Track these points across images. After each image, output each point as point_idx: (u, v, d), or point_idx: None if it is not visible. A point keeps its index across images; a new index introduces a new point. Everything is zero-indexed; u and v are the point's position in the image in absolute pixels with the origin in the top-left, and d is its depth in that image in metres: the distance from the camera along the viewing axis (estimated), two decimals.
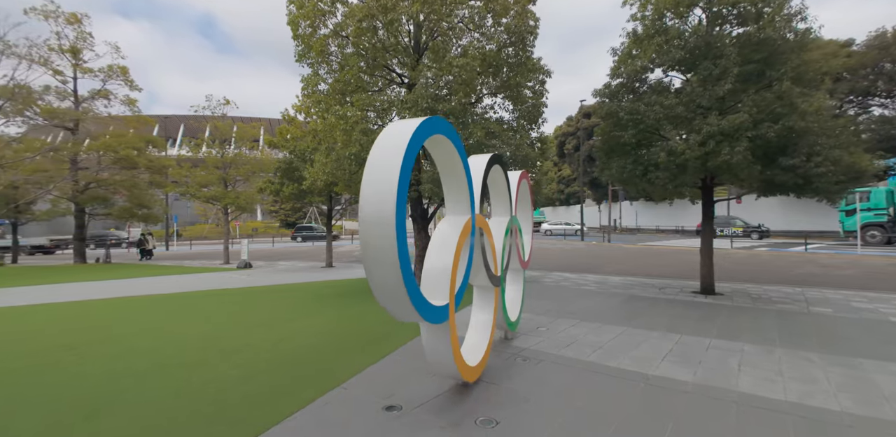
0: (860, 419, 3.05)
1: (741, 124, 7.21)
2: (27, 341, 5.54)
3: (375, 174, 2.35)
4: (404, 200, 2.37)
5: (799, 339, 5.23)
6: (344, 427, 2.95)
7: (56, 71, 19.87)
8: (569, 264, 15.46)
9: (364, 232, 2.34)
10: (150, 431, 2.97)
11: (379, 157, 2.40)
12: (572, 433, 2.88)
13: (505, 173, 4.84)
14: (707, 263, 9.14)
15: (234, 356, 4.70)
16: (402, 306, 2.49)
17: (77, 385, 3.90)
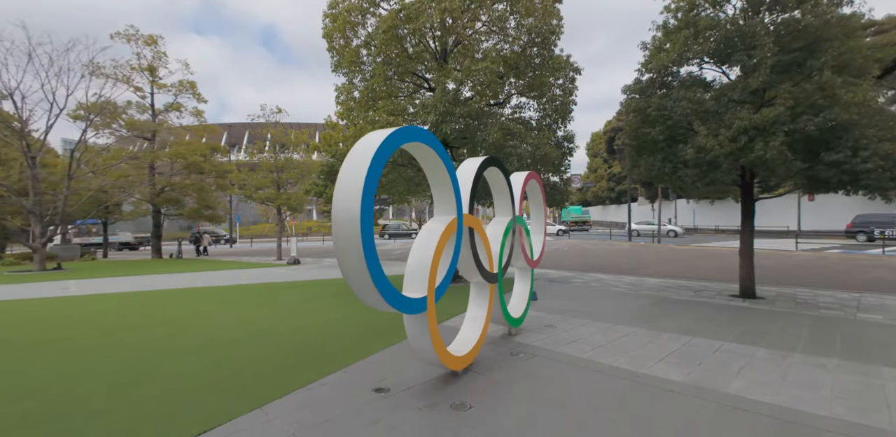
0: (844, 424, 2.95)
1: (776, 118, 6.83)
2: (102, 322, 6.54)
3: (345, 181, 2.69)
4: (370, 203, 2.69)
5: (825, 345, 4.94)
6: (332, 404, 3.34)
7: (137, 88, 22.42)
8: (607, 264, 15.10)
9: (336, 231, 2.69)
10: (171, 394, 3.55)
11: (349, 165, 2.74)
12: (534, 420, 3.06)
13: (505, 176, 5.03)
14: (746, 265, 8.68)
15: (260, 339, 5.30)
16: (372, 296, 2.82)
17: (133, 358, 4.63)
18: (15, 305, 8.34)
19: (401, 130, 3.02)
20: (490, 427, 2.97)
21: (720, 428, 2.94)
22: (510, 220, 5.18)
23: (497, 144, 8.02)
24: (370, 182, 2.67)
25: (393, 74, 9.18)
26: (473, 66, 7.93)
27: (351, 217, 2.61)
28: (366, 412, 3.20)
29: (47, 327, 6.32)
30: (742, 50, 7.50)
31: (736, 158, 7.33)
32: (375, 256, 2.75)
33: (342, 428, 2.94)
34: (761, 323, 6.19)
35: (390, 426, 2.96)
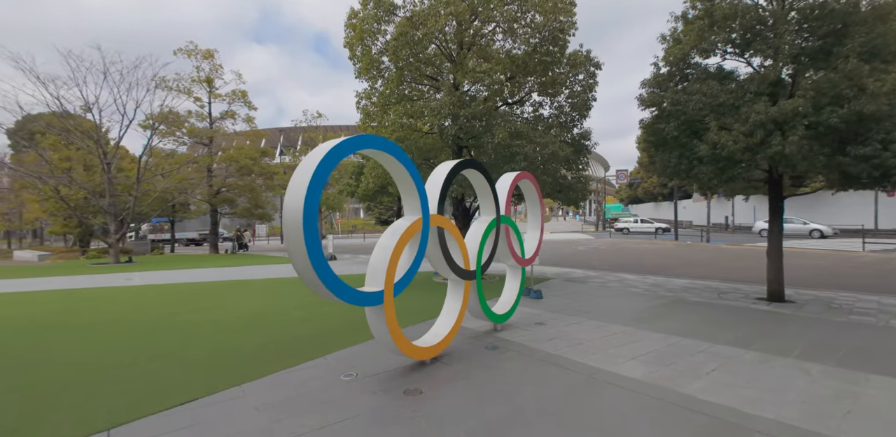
0: (781, 426, 2.90)
1: (796, 110, 6.43)
2: (144, 309, 7.49)
3: (293, 185, 3.06)
4: (314, 205, 3.03)
5: (826, 351, 4.68)
6: (300, 386, 3.75)
7: (196, 98, 24.56)
8: (639, 264, 14.61)
9: (285, 231, 3.07)
10: (172, 369, 4.14)
11: (299, 171, 3.10)
12: (474, 406, 3.28)
13: (486, 177, 5.21)
14: (774, 266, 8.20)
15: (267, 327, 5.89)
16: (320, 288, 3.17)
17: (157, 339, 5.36)
18: (83, 292, 9.66)
19: (349, 140, 3.34)
20: (429, 410, 3.23)
21: (645, 422, 3.00)
22: (492, 219, 5.36)
23: (504, 144, 8.13)
24: (314, 187, 3.02)
25: (408, 77, 9.55)
26: (478, 68, 8.09)
27: (296, 218, 2.97)
28: (324, 393, 3.57)
29: (101, 311, 7.35)
30: (761, 39, 7.11)
31: (754, 154, 6.97)
32: (320, 251, 3.10)
33: (298, 405, 3.33)
34: (770, 327, 5.90)
35: (341, 406, 3.31)
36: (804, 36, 6.96)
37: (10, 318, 6.95)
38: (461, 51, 8.83)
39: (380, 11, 9.17)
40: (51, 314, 7.15)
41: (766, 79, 6.94)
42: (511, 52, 8.82)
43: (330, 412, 3.20)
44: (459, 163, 4.76)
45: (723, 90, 7.21)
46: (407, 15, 8.81)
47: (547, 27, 8.89)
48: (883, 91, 5.95)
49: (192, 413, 3.21)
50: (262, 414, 3.17)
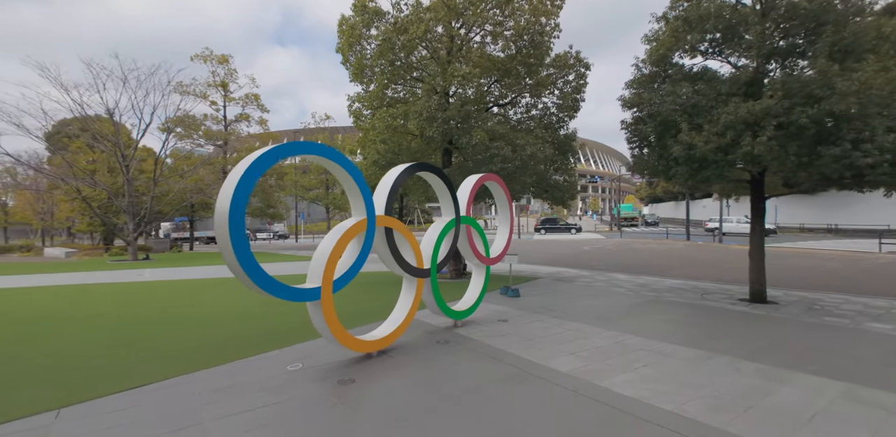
0: (672, 417, 3.03)
1: (766, 110, 6.41)
2: (140, 303, 8.00)
3: (223, 191, 3.34)
4: (240, 207, 3.32)
5: (776, 352, 4.70)
6: (247, 374, 4.06)
7: (212, 102, 25.53)
8: (637, 265, 14.51)
9: (216, 231, 3.37)
10: (139, 357, 4.51)
11: (231, 176, 3.39)
12: (397, 392, 3.51)
13: (444, 180, 5.42)
14: (756, 267, 8.14)
15: (244, 321, 6.26)
16: (249, 284, 3.46)
17: (138, 331, 5.79)
18: (92, 287, 10.33)
19: (280, 147, 3.63)
20: (352, 397, 3.48)
21: (550, 411, 3.16)
22: (451, 220, 5.57)
23: (482, 146, 8.31)
24: (240, 191, 3.32)
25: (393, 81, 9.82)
26: (457, 72, 8.28)
27: (223, 219, 3.27)
28: (266, 381, 3.87)
29: (101, 305, 7.89)
30: (737, 39, 7.09)
31: (726, 155, 6.97)
32: (247, 250, 3.39)
33: (236, 391, 3.64)
34: (733, 327, 5.92)
35: (274, 392, 3.59)
36: (779, 36, 6.91)
37: (16, 309, 7.55)
38: (446, 55, 9.03)
39: (367, 18, 9.47)
40: (54, 307, 7.74)
41: (737, 80, 6.92)
42: (491, 55, 8.96)
43: (262, 397, 3.50)
44: (411, 166, 5.00)
45: (695, 91, 7.22)
46: (391, 21, 9.07)
47: (527, 31, 9.01)
48: (852, 90, 5.88)
49: (137, 397, 3.55)
50: (198, 398, 3.49)
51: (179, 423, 3.07)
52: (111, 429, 3.00)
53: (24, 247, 30.42)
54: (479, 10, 8.94)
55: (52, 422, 3.11)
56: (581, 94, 10.91)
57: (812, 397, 3.45)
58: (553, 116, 10.39)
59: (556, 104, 10.45)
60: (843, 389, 3.61)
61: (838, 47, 6.30)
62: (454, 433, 2.90)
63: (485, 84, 9.47)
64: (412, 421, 3.08)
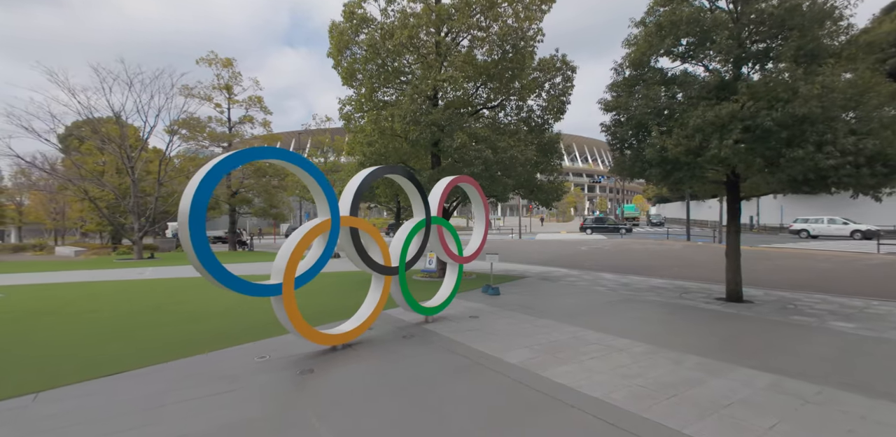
0: (594, 402, 3.25)
1: (732, 114, 6.57)
2: (135, 300, 8.38)
3: (185, 194, 3.62)
4: (201, 209, 3.60)
5: (728, 348, 4.87)
6: (217, 365, 4.36)
7: (217, 104, 26.07)
8: (627, 265, 14.63)
9: (179, 231, 3.67)
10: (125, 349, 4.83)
11: (191, 183, 3.67)
12: (350, 382, 3.77)
13: (414, 182, 5.68)
14: (732, 266, 8.29)
15: (227, 318, 6.57)
16: (211, 280, 3.76)
17: (133, 325, 6.13)
18: (94, 285, 10.77)
19: (241, 153, 3.92)
20: (307, 385, 3.76)
21: (485, 397, 3.40)
22: (421, 220, 5.83)
23: (463, 149, 8.55)
24: (200, 194, 3.60)
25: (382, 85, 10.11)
26: (439, 76, 8.53)
27: (184, 220, 3.56)
28: (231, 370, 4.16)
29: (98, 302, 8.28)
30: (710, 44, 7.25)
31: (696, 157, 7.14)
32: (207, 248, 3.68)
33: (200, 379, 3.93)
34: (696, 324, 6.10)
35: (236, 381, 3.88)
36: (750, 41, 7.05)
37: (20, 305, 7.97)
38: (434, 59, 9.29)
39: (355, 24, 9.76)
40: (54, 303, 8.14)
41: (707, 84, 7.08)
42: (475, 60, 9.19)
43: (223, 384, 3.78)
44: (378, 169, 5.27)
45: (666, 95, 7.40)
46: (378, 27, 9.35)
47: (509, 36, 9.22)
48: (814, 94, 6.02)
49: (112, 383, 3.87)
50: (163, 384, 3.79)
51: (145, 405, 3.37)
52: (79, 410, 3.30)
53: (37, 246, 31.30)
54: (464, 16, 9.19)
55: (30, 404, 3.42)
56: (567, 96, 11.12)
57: (738, 387, 3.65)
58: (538, 119, 10.59)
59: (542, 107, 10.65)
60: (771, 381, 3.80)
61: (804, 51, 6.44)
62: (387, 416, 3.16)
63: (470, 88, 9.71)
64: (350, 405, 3.34)
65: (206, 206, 3.67)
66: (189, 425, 3.05)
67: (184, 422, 3.09)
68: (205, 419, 3.14)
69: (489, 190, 9.26)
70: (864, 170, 6.13)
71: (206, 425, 3.04)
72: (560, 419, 3.09)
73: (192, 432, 2.95)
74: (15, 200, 41.16)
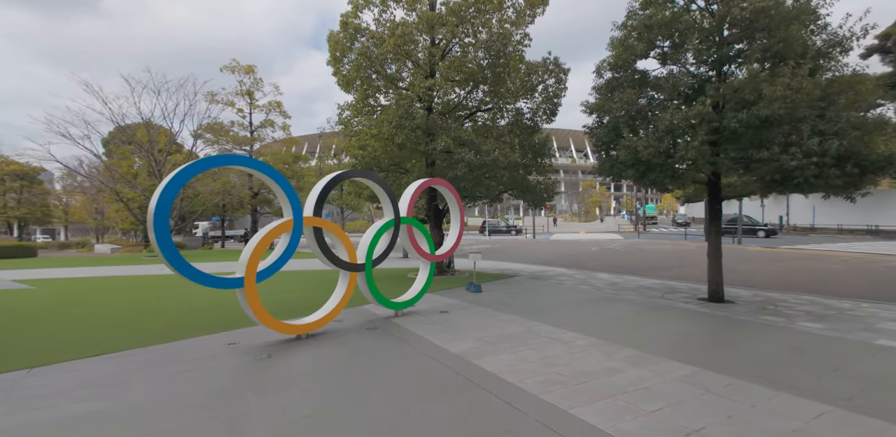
0: (508, 387, 3.55)
1: (698, 115, 6.68)
2: (145, 293, 9.16)
3: (154, 197, 4.14)
4: (164, 211, 4.11)
5: (671, 343, 5.03)
6: (191, 350, 4.89)
7: (239, 109, 27.36)
8: (628, 265, 14.59)
9: (149, 230, 4.20)
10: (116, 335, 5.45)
11: (159, 187, 4.18)
12: (300, 366, 4.21)
13: (381, 185, 6.10)
14: (713, 266, 8.29)
15: (216, 309, 7.17)
16: (175, 272, 4.27)
17: (134, 315, 6.82)
18: (116, 280, 11.73)
19: (207, 160, 4.42)
20: (260, 367, 4.22)
21: (412, 377, 3.75)
22: (389, 220, 6.23)
23: (447, 151, 8.89)
24: (164, 198, 4.10)
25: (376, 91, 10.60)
26: (422, 83, 8.91)
27: (150, 220, 4.09)
28: (198, 354, 4.68)
29: (111, 293, 9.11)
30: (682, 47, 7.35)
31: (667, 158, 7.25)
32: (171, 245, 4.19)
33: (169, 361, 4.46)
34: (657, 322, 6.23)
35: (200, 363, 4.39)
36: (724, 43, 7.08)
37: (43, 297, 8.88)
38: (426, 65, 9.69)
39: (349, 34, 10.28)
40: (74, 296, 9.02)
41: (677, 87, 7.17)
42: (464, 67, 9.51)
43: (187, 365, 4.30)
44: (341, 173, 5.71)
45: (641, 98, 7.53)
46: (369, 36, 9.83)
47: (497, 42, 9.50)
48: (778, 95, 6.06)
49: (94, 362, 4.45)
50: (139, 364, 4.35)
51: (114, 380, 3.91)
52: (60, 382, 3.88)
53: (79, 243, 33.68)
54: (452, 24, 9.54)
55: (24, 376, 4.03)
56: (559, 98, 11.29)
57: (651, 377, 3.86)
58: (527, 121, 10.81)
59: (531, 109, 10.86)
60: (688, 373, 3.98)
61: (770, 53, 6.46)
62: (313, 392, 3.57)
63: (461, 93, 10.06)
64: (287, 384, 3.78)
65: (169, 209, 4.18)
66: (140, 395, 3.57)
67: (138, 393, 3.61)
68: (155, 391, 3.65)
69: (473, 191, 9.56)
70: (833, 171, 6.11)
71: (151, 396, 3.55)
72: (464, 397, 3.42)
73: (143, 400, 3.45)
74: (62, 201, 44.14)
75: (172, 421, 3.08)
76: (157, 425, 3.03)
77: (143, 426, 3.00)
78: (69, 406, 3.34)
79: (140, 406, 3.34)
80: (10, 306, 7.90)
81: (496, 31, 9.53)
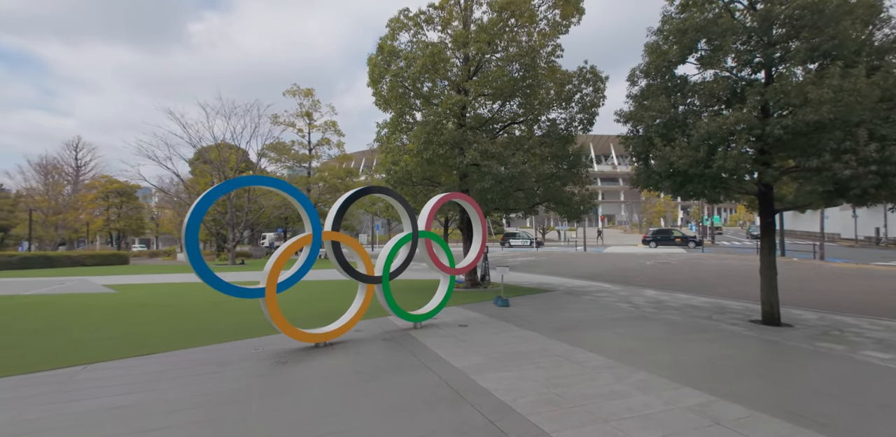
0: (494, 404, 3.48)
1: (739, 121, 6.26)
2: (197, 298, 10.06)
3: (187, 215, 4.65)
4: (195, 226, 4.57)
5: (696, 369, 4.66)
6: (218, 353, 5.33)
7: (299, 129, 29.46)
8: (682, 282, 13.63)
9: (182, 244, 4.69)
10: (164, 335, 6.06)
11: (192, 207, 4.68)
12: (312, 372, 4.45)
13: (399, 200, 6.34)
14: (766, 286, 7.57)
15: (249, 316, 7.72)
16: (204, 281, 4.72)
17: (194, 316, 7.55)
18: (181, 285, 13.00)
19: (234, 181, 4.89)
20: (274, 370, 4.52)
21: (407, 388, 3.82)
22: (407, 234, 6.42)
23: (475, 164, 9.00)
24: (194, 216, 4.58)
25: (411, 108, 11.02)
26: (451, 100, 9.13)
27: (182, 234, 4.58)
28: (225, 358, 5.09)
29: (171, 297, 10.12)
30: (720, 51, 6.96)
31: (706, 167, 6.82)
32: (200, 258, 4.65)
33: (198, 363, 4.90)
34: (688, 344, 5.80)
35: (225, 366, 4.78)
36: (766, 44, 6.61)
37: (121, 300, 10.07)
38: (461, 81, 9.96)
39: (385, 57, 10.84)
40: (146, 299, 10.13)
41: (712, 92, 6.77)
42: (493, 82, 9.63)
43: (213, 368, 4.70)
44: (360, 190, 6.01)
45: (671, 105, 7.17)
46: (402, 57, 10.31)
47: (526, 56, 9.55)
48: (826, 98, 5.52)
49: (137, 361, 5.01)
50: (171, 364, 4.83)
51: (149, 378, 4.39)
52: (109, 378, 4.42)
53: (166, 252, 37.62)
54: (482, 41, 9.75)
55: (80, 371, 4.65)
56: (597, 107, 11.02)
57: (657, 404, 3.61)
58: (562, 131, 10.64)
59: (565, 120, 10.69)
60: (702, 401, 3.68)
61: (819, 52, 5.91)
62: (311, 397, 3.76)
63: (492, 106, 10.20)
64: (293, 388, 4.02)
65: (198, 226, 4.66)
66: (167, 392, 3.97)
67: (165, 391, 4.02)
68: (178, 390, 4.04)
69: (502, 203, 9.53)
70: (873, 180, 5.42)
71: (175, 394, 3.93)
72: (448, 413, 3.43)
73: (168, 397, 3.85)
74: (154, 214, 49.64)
75: (179, 418, 3.41)
76: (165, 421, 3.37)
77: (154, 421, 3.35)
78: (103, 400, 3.81)
79: (161, 403, 3.73)
80: (95, 306, 9.08)
81: (526, 45, 9.58)
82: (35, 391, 4.04)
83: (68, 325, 7.16)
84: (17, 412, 3.53)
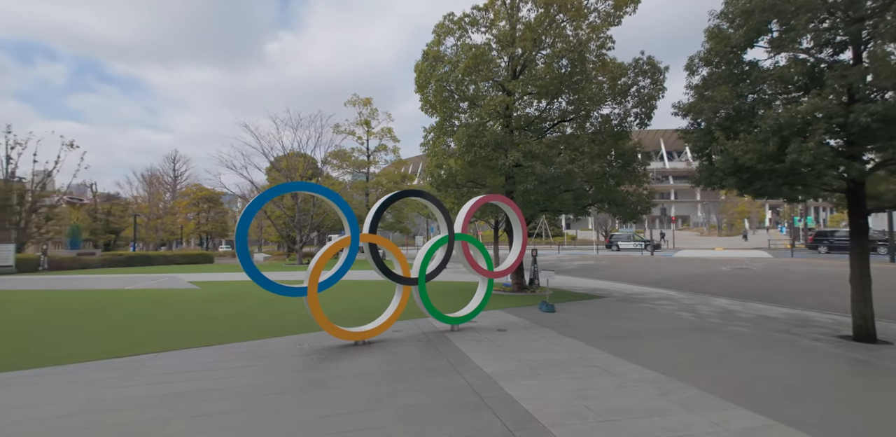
0: (517, 412, 3.34)
1: (815, 109, 5.57)
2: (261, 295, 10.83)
3: (239, 218, 5.03)
4: (245, 230, 4.92)
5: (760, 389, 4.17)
6: (265, 347, 5.68)
7: (358, 137, 30.82)
8: (762, 290, 12.31)
9: (235, 245, 5.07)
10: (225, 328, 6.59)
11: (243, 211, 5.05)
12: (346, 369, 4.60)
13: (435, 203, 6.37)
14: (858, 297, 6.62)
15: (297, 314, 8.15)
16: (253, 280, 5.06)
17: (251, 311, 8.19)
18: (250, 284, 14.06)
19: (278, 187, 5.22)
20: (315, 366, 4.74)
21: (433, 391, 3.82)
22: (443, 236, 6.44)
23: (517, 165, 8.80)
24: (244, 219, 4.92)
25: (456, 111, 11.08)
26: (494, 100, 9.01)
27: (235, 236, 4.96)
28: (271, 352, 5.42)
29: (242, 294, 10.99)
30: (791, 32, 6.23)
31: (776, 163, 6.12)
32: (249, 259, 4.99)
33: (247, 355, 5.26)
34: (754, 361, 5.20)
35: (269, 359, 5.10)
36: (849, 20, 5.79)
37: (201, 295, 11.14)
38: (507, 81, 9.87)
39: (430, 63, 11.00)
40: (220, 295, 11.13)
41: (783, 77, 6.04)
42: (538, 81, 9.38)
43: (260, 361, 5.04)
44: (397, 193, 6.13)
45: (735, 95, 6.50)
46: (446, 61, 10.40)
47: (573, 51, 9.21)
48: None
49: (197, 351, 5.50)
50: (225, 356, 5.24)
51: (206, 367, 4.80)
52: (170, 366, 4.90)
53: None
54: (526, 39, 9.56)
55: (151, 358, 5.20)
56: (656, 100, 10.33)
57: (702, 424, 3.27)
58: (616, 127, 10.10)
59: (618, 115, 10.13)
60: (755, 425, 3.27)
61: None
62: (338, 394, 3.88)
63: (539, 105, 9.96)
64: (325, 383, 4.19)
65: (247, 228, 5.02)
66: (218, 382, 4.31)
67: (214, 380, 4.37)
68: (226, 380, 4.37)
69: (546, 205, 9.20)
70: None
71: (223, 383, 4.26)
72: (467, 419, 3.36)
73: (215, 387, 4.18)
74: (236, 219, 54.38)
75: (220, 406, 3.69)
76: (208, 407, 3.66)
77: (200, 407, 3.66)
78: (163, 386, 4.22)
79: (208, 391, 4.06)
80: (178, 301, 10.15)
81: (574, 39, 9.21)
82: (110, 375, 4.58)
83: (152, 316, 8.07)
84: (92, 394, 4.03)
